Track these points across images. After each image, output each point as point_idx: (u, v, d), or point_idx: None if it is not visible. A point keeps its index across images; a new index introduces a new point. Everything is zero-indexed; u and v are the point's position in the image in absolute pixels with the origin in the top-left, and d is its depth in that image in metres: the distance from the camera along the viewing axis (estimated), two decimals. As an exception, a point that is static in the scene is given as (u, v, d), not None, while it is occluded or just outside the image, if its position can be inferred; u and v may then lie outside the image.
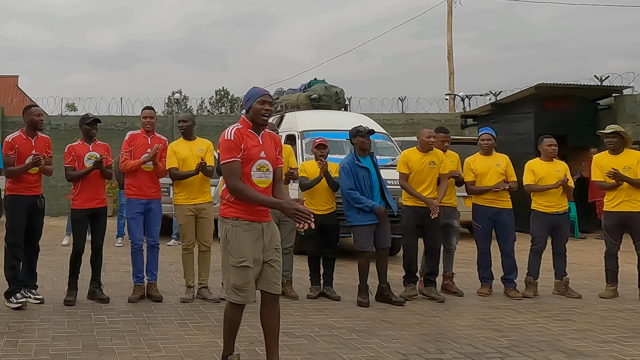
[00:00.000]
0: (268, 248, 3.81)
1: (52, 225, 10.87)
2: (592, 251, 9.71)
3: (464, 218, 10.10)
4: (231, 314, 3.90)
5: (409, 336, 4.95)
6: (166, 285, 6.74)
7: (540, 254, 6.62)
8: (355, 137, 6.09)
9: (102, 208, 6.05)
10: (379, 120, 12.33)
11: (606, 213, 6.58)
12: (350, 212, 6.05)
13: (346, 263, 7.79)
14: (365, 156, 6.10)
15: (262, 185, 3.81)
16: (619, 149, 6.52)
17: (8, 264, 5.72)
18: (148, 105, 6.45)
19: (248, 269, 3.73)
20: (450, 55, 21.37)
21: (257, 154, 3.81)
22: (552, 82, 12.56)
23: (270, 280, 3.81)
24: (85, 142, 6.05)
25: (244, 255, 3.74)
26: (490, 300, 6.34)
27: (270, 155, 3.88)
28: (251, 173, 3.80)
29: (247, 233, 3.76)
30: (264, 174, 3.83)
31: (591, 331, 5.18)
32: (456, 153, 6.91)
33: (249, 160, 3.79)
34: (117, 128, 14.69)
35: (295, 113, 10.51)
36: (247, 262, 3.73)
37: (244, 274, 3.74)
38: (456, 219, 6.67)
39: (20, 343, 4.60)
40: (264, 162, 3.83)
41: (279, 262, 3.85)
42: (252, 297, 3.81)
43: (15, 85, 32.45)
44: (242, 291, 3.76)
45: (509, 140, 11.58)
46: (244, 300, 3.79)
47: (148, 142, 6.14)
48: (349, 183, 5.98)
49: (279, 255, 3.87)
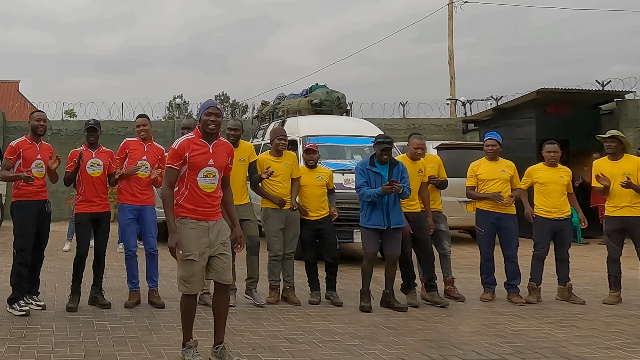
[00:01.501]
0: (215, 244, 4.24)
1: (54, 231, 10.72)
2: (594, 256, 9.68)
3: (467, 223, 10.14)
4: (183, 304, 4.35)
5: (412, 342, 4.93)
6: (168, 291, 6.71)
7: (543, 259, 6.60)
8: (375, 145, 6.06)
9: (105, 213, 6.05)
10: (380, 126, 12.31)
11: (607, 218, 6.57)
12: (360, 213, 6.09)
13: (348, 268, 7.77)
14: (385, 164, 6.03)
15: (207, 190, 4.27)
16: (618, 154, 6.51)
17: (15, 271, 5.70)
18: (141, 113, 6.43)
19: (193, 262, 4.19)
20: (451, 60, 21.38)
21: (204, 161, 4.25)
22: (554, 87, 12.54)
23: (219, 271, 4.26)
24: (89, 148, 6.05)
25: (190, 250, 4.18)
26: (493, 306, 6.32)
27: (219, 163, 4.31)
28: (197, 178, 4.25)
29: (193, 230, 4.21)
30: (210, 180, 4.27)
31: (595, 337, 5.15)
32: (437, 157, 6.92)
33: (195, 167, 4.24)
34: (118, 133, 14.68)
35: (296, 118, 10.50)
36: (192, 256, 4.18)
37: (188, 266, 4.20)
38: (443, 222, 6.66)
39: (22, 349, 4.58)
40: (210, 169, 4.27)
41: (226, 255, 4.28)
42: (197, 288, 4.31)
43: (16, 91, 32.49)
44: (188, 282, 4.23)
45: (511, 145, 11.50)
46: (189, 290, 4.26)
47: (144, 149, 6.14)
48: (360, 180, 5.99)
49: (226, 249, 4.29)
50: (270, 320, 5.58)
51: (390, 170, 5.99)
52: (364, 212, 6.02)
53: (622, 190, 6.32)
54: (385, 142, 5.95)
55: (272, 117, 11.88)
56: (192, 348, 4.29)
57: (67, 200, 9.92)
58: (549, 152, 6.65)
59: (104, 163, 6.02)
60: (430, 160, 6.70)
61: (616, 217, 6.43)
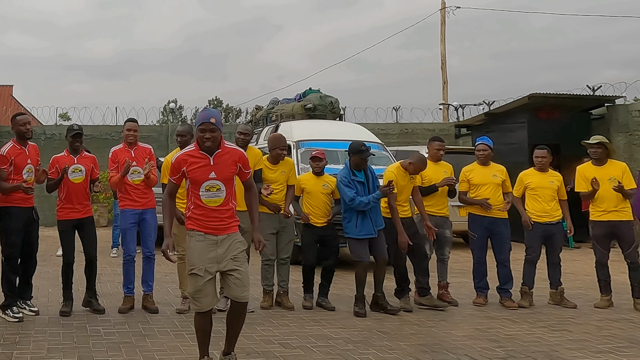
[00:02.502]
0: (224, 258, 4.01)
1: (47, 236, 10.78)
2: (586, 261, 9.73)
3: (459, 227, 10.17)
4: (195, 321, 4.16)
5: (405, 347, 4.96)
6: (162, 296, 6.71)
7: (535, 263, 6.64)
8: (355, 154, 6.06)
9: (88, 218, 6.01)
10: (374, 130, 12.36)
11: (593, 223, 6.61)
12: (348, 224, 6.05)
13: (342, 273, 7.78)
14: (360, 171, 6.12)
15: (212, 205, 4.02)
16: (603, 160, 6.58)
17: (5, 278, 5.68)
18: (131, 117, 6.38)
19: (197, 276, 3.98)
20: (443, 65, 21.47)
21: (203, 175, 4.00)
22: (545, 92, 12.64)
23: (234, 289, 4.04)
24: (71, 153, 6.02)
25: (194, 264, 4.01)
26: (486, 310, 6.36)
27: (223, 175, 4.03)
28: (199, 194, 4.02)
29: (200, 243, 4.02)
30: (214, 194, 4.02)
31: (587, 341, 5.19)
32: (449, 164, 6.94)
33: (195, 182, 4.03)
34: (112, 138, 14.62)
35: (290, 123, 10.53)
36: (195, 270, 3.98)
37: (193, 281, 4.01)
38: (448, 228, 6.68)
39: (15, 355, 4.57)
40: (213, 183, 4.01)
41: (239, 270, 4.03)
42: (207, 304, 4.04)
43: (9, 95, 32.39)
44: (196, 299, 4.04)
45: (503, 149, 11.59)
46: (198, 307, 4.05)
47: (132, 155, 6.10)
48: (351, 192, 5.99)
49: (238, 264, 4.04)
50: (264, 325, 5.59)
51: (366, 175, 6.10)
52: (353, 223, 6.00)
53: (608, 194, 6.38)
54: (367, 150, 6.04)
55: (265, 122, 11.91)
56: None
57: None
58: (537, 157, 6.72)
59: (86, 169, 5.98)
60: (443, 166, 6.73)
61: (603, 222, 6.49)
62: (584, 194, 6.64)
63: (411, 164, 6.27)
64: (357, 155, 6.04)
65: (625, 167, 6.59)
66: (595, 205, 6.58)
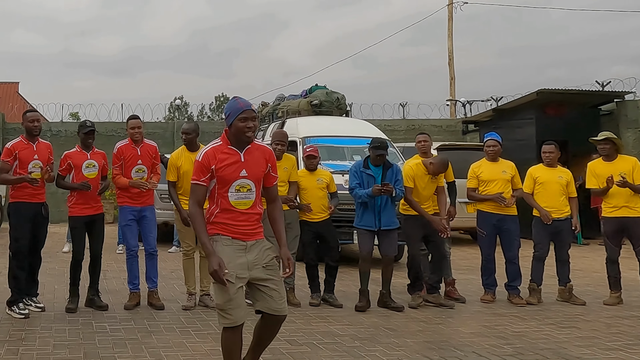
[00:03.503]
0: (254, 266, 3.51)
1: (53, 232, 10.76)
2: (595, 257, 9.66)
3: (467, 224, 10.11)
4: (224, 338, 3.58)
5: (412, 344, 4.92)
6: (167, 292, 6.70)
7: (543, 260, 6.58)
8: (370, 148, 6.13)
9: (99, 215, 6.03)
10: (380, 126, 12.30)
11: (605, 219, 6.57)
12: (356, 214, 6.18)
13: (348, 270, 7.74)
14: (378, 166, 6.08)
15: (242, 207, 3.53)
16: (612, 156, 6.51)
17: (12, 274, 5.69)
18: (133, 115, 6.31)
19: (228, 283, 3.40)
20: (451, 60, 21.37)
21: (234, 173, 3.51)
22: (554, 88, 12.54)
23: (270, 301, 3.53)
24: (83, 149, 6.03)
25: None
26: (494, 307, 6.31)
27: (255, 174, 3.55)
28: (228, 195, 3.52)
29: (227, 247, 3.50)
30: (244, 195, 3.53)
31: (596, 338, 5.14)
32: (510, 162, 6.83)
33: (225, 181, 3.51)
34: (117, 134, 14.64)
35: (296, 119, 10.49)
36: (227, 276, 3.41)
37: (224, 290, 3.42)
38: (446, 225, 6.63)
39: (22, 351, 4.57)
40: (244, 182, 3.51)
41: (274, 280, 3.54)
42: (240, 317, 3.48)
43: (16, 92, 32.48)
44: (226, 311, 3.45)
45: (510, 146, 11.48)
46: (231, 321, 3.47)
47: (138, 152, 6.06)
48: (354, 182, 6.05)
49: (273, 273, 3.56)
50: (270, 321, 5.56)
51: (384, 172, 6.05)
52: (358, 212, 6.14)
53: (619, 190, 6.31)
54: (381, 147, 6.02)
55: (271, 118, 11.87)
56: None
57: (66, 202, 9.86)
58: (544, 153, 6.67)
59: (98, 165, 5.99)
60: None
61: (614, 218, 6.43)
62: (596, 191, 6.57)
63: (432, 164, 6.24)
64: (371, 149, 6.09)
65: (635, 161, 6.52)
66: (606, 202, 6.52)
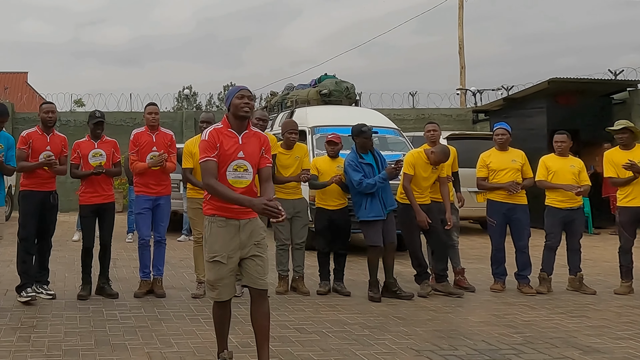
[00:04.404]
0: (247, 244, 3.79)
1: (63, 221, 10.84)
2: (606, 247, 9.61)
3: (477, 214, 10.08)
4: (214, 311, 3.95)
5: (421, 332, 4.92)
6: (177, 280, 6.73)
7: (555, 249, 6.55)
8: (358, 136, 6.08)
9: (109, 204, 6.06)
10: (390, 116, 12.23)
11: (621, 209, 6.51)
12: (359, 208, 6.06)
13: (357, 259, 7.75)
14: (367, 153, 6.10)
15: (238, 186, 3.79)
16: (630, 144, 6.45)
17: (20, 259, 5.75)
18: (151, 102, 6.39)
19: (220, 264, 3.75)
20: (461, 49, 21.24)
21: (233, 154, 3.79)
22: (565, 77, 12.42)
23: (253, 275, 3.80)
24: (92, 139, 6.06)
25: (216, 251, 3.77)
26: (504, 296, 6.28)
27: (251, 155, 3.83)
28: (226, 173, 3.79)
29: (222, 229, 3.77)
30: (241, 175, 3.81)
31: (606, 327, 5.11)
32: (453, 148, 6.83)
33: (224, 160, 3.78)
34: (126, 124, 14.71)
35: (305, 109, 10.45)
36: (218, 257, 3.75)
37: (215, 269, 3.77)
38: (454, 214, 6.63)
39: (33, 339, 4.61)
40: (241, 163, 3.80)
41: (261, 257, 3.82)
42: (227, 294, 3.83)
43: (25, 82, 32.66)
44: (215, 287, 3.80)
45: (521, 135, 11.43)
46: (217, 296, 3.82)
47: (153, 139, 6.09)
48: (358, 175, 5.99)
49: (261, 250, 3.83)
50: (279, 310, 5.57)
51: (374, 157, 6.09)
52: (363, 205, 6.02)
53: (637, 181, 6.25)
54: (369, 130, 6.03)
55: (280, 108, 11.85)
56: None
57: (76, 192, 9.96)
58: (556, 142, 6.63)
59: (106, 153, 6.01)
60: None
61: (629, 208, 6.37)
62: (616, 180, 6.49)
63: (433, 153, 6.23)
64: (360, 136, 6.06)
65: None
66: (622, 191, 6.45)
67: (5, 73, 31.65)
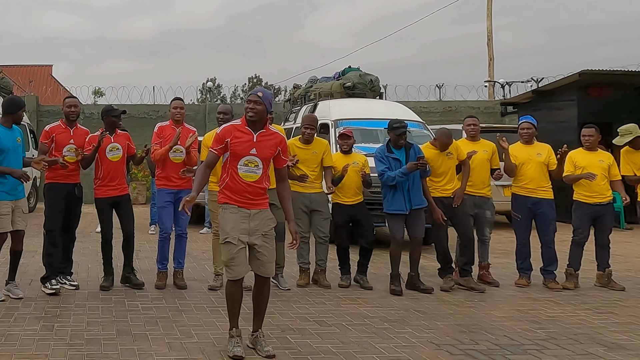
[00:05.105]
0: (254, 232, 4.14)
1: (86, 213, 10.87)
2: (638, 243, 9.39)
3: (503, 207, 9.91)
4: (228, 289, 4.26)
5: (442, 326, 4.85)
6: (198, 272, 6.77)
7: (582, 245, 6.40)
8: (390, 131, 6.06)
9: (124, 195, 6.10)
10: (416, 108, 12.12)
11: None
12: (384, 199, 6.06)
13: (380, 252, 7.68)
14: (400, 149, 6.03)
15: (248, 179, 4.14)
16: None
17: (46, 251, 5.85)
18: (177, 96, 6.44)
19: (231, 244, 4.10)
20: (490, 41, 20.90)
21: (245, 150, 4.14)
22: (597, 69, 12.12)
23: (258, 263, 4.17)
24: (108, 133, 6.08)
25: (228, 233, 4.13)
26: (528, 291, 6.17)
27: (263, 154, 4.16)
28: (237, 167, 4.14)
29: (233, 215, 4.14)
30: (251, 170, 4.14)
31: (634, 324, 4.98)
32: (492, 142, 6.72)
33: (236, 154, 4.15)
34: (149, 117, 14.84)
35: (328, 102, 10.40)
36: (229, 238, 4.10)
37: (227, 249, 4.12)
38: (489, 209, 6.51)
39: (56, 328, 4.68)
40: (252, 159, 4.14)
41: (266, 247, 4.16)
42: (242, 272, 4.15)
43: (49, 75, 33.16)
44: (230, 267, 4.15)
45: (551, 128, 11.25)
46: (232, 274, 4.16)
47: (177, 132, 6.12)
48: (382, 166, 5.97)
49: (267, 240, 4.16)
50: (300, 302, 5.56)
51: (407, 153, 6.01)
52: (387, 198, 6.03)
53: None
54: (401, 126, 5.97)
55: (303, 101, 11.80)
56: (233, 337, 4.18)
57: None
58: (584, 136, 6.49)
59: (122, 147, 6.05)
60: (483, 145, 6.60)
61: None
62: (630, 178, 6.34)
63: (436, 140, 6.20)
64: (392, 131, 6.02)
65: None
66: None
67: (30, 66, 32.18)
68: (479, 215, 6.40)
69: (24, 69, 30.73)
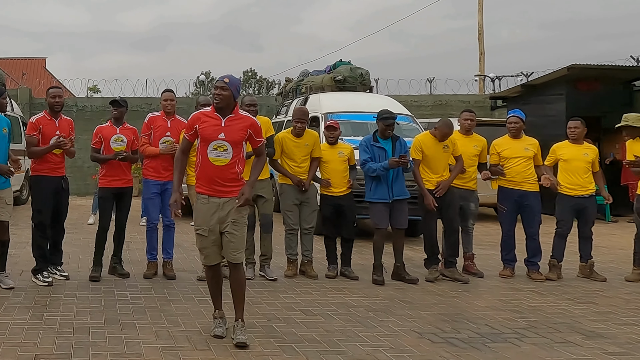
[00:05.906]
0: (225, 220, 4.27)
1: (79, 205, 11.02)
2: (622, 235, 9.50)
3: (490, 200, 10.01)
4: (206, 274, 4.59)
5: (426, 315, 4.95)
6: (188, 263, 6.84)
7: (565, 237, 6.50)
8: (379, 121, 6.13)
9: (128, 188, 6.18)
10: (407, 102, 12.21)
11: (638, 196, 6.42)
12: (367, 189, 6.15)
13: (367, 244, 7.76)
14: (387, 139, 6.09)
15: (217, 164, 4.25)
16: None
17: (35, 244, 5.87)
18: (168, 88, 6.48)
19: (201, 236, 4.33)
20: (480, 35, 20.94)
21: (213, 134, 4.25)
22: (586, 63, 12.21)
23: (228, 250, 4.31)
24: (114, 124, 6.17)
25: (199, 225, 4.33)
26: (512, 282, 6.27)
27: (232, 138, 4.25)
28: (207, 151, 4.25)
29: (204, 206, 4.31)
30: (220, 154, 4.24)
31: (613, 314, 5.09)
32: (483, 137, 6.80)
33: (205, 139, 4.27)
34: (142, 110, 14.77)
35: (319, 95, 10.46)
36: (200, 231, 4.32)
37: (200, 239, 4.36)
38: (474, 202, 6.61)
39: (46, 317, 4.74)
40: (221, 143, 4.24)
41: (235, 235, 4.28)
42: (213, 259, 4.39)
43: (43, 67, 32.99)
44: (202, 253, 4.43)
45: (540, 122, 11.33)
46: (205, 260, 4.44)
47: (168, 125, 6.18)
48: (365, 156, 6.06)
49: (236, 227, 4.28)
50: (286, 292, 5.64)
51: (393, 144, 6.07)
52: (369, 187, 6.11)
53: None
54: (390, 117, 6.04)
55: (295, 94, 11.86)
56: (216, 319, 4.43)
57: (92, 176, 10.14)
58: (569, 128, 6.57)
59: (127, 139, 6.11)
60: (475, 140, 6.68)
61: None
62: (635, 169, 6.43)
63: (436, 129, 6.25)
64: (380, 121, 6.10)
65: None
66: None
67: (24, 59, 32.03)
68: (464, 207, 6.50)
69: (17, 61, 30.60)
